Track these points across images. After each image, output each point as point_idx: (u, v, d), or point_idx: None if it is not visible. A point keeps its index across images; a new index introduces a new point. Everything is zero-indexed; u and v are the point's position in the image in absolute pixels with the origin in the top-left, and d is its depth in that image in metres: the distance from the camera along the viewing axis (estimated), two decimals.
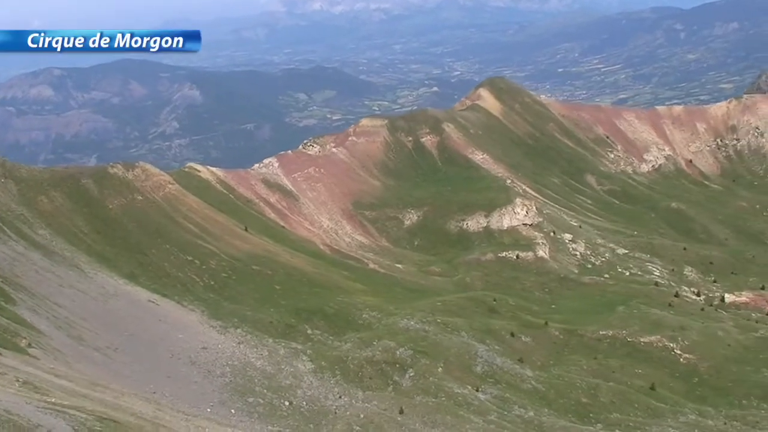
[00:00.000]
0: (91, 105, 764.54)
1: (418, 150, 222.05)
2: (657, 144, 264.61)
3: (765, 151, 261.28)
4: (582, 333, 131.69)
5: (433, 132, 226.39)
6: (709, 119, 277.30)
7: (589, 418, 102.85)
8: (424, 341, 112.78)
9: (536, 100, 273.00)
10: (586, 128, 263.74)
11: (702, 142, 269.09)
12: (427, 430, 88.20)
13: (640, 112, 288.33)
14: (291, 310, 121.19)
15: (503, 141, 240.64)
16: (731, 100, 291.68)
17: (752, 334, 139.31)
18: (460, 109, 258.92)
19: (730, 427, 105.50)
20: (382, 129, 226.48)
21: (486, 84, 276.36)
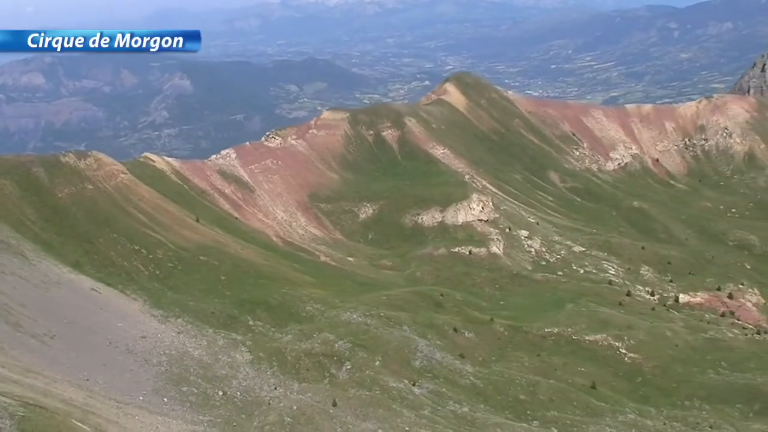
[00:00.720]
0: (82, 93, 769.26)
1: (378, 144, 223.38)
2: (624, 142, 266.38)
3: (733, 151, 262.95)
4: (527, 330, 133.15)
5: (395, 126, 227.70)
6: (678, 119, 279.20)
7: (526, 416, 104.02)
8: (364, 335, 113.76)
9: (503, 95, 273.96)
10: (553, 125, 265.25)
11: (670, 141, 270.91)
12: (358, 423, 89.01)
13: (609, 110, 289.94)
14: (235, 301, 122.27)
15: (466, 136, 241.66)
16: (701, 99, 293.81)
17: (701, 335, 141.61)
18: (425, 103, 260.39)
19: (670, 428, 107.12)
20: (343, 122, 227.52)
21: (453, 79, 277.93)
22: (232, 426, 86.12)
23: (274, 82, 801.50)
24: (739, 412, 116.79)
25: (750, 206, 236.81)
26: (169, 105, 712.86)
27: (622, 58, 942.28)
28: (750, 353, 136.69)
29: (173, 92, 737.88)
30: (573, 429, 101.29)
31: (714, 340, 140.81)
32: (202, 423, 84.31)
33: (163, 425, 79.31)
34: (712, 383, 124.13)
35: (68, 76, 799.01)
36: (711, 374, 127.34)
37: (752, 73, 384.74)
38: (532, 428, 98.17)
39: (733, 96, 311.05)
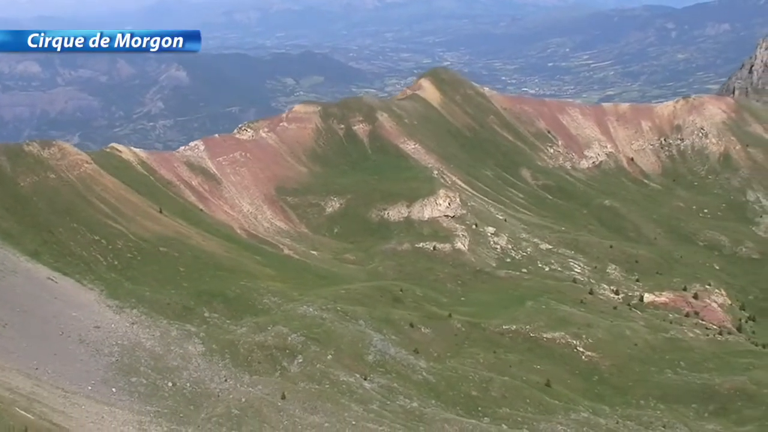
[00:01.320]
0: (78, 83, 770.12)
1: (349, 138, 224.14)
2: (599, 140, 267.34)
3: (708, 152, 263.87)
4: (485, 326, 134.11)
5: (366, 120, 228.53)
6: (655, 118, 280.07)
7: (477, 412, 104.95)
8: (318, 328, 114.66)
9: (479, 92, 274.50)
10: (528, 122, 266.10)
11: (646, 140, 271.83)
12: (306, 416, 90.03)
13: (585, 108, 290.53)
14: (192, 292, 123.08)
15: (439, 131, 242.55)
16: (678, 99, 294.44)
17: (662, 335, 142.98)
18: (399, 98, 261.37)
19: (622, 426, 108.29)
20: (314, 115, 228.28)
21: (428, 74, 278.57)
22: (178, 417, 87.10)
23: (271, 74, 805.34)
24: (694, 412, 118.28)
25: (722, 207, 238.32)
26: (164, 96, 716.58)
27: (619, 57, 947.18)
28: (710, 353, 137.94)
29: (169, 83, 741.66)
30: (524, 426, 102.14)
31: (674, 339, 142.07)
32: (148, 413, 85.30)
33: (109, 415, 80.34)
34: (668, 383, 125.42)
35: (64, 65, 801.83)
36: (668, 374, 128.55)
37: (740, 74, 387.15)
38: (481, 424, 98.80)
39: (711, 96, 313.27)
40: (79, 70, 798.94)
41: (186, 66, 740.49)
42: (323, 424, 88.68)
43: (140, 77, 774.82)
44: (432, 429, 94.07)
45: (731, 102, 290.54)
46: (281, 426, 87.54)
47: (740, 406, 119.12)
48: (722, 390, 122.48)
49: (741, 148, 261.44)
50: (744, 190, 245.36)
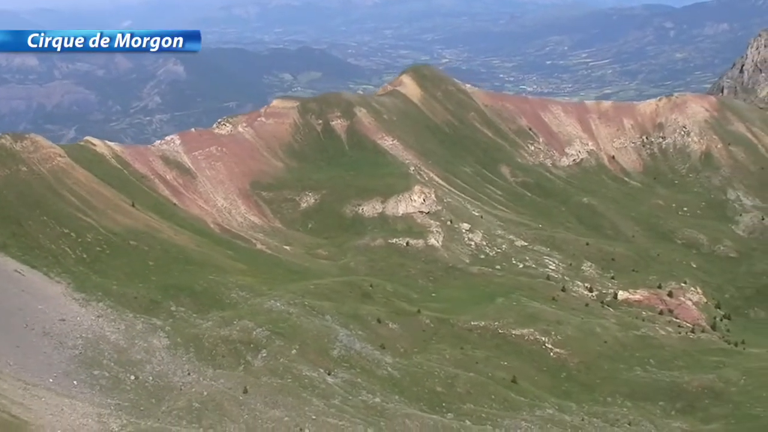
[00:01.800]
0: (75, 76, 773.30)
1: (326, 133, 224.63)
2: (581, 138, 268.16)
3: (690, 150, 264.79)
4: (454, 323, 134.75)
5: (344, 116, 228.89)
6: (637, 116, 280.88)
7: (441, 408, 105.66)
8: (284, 323, 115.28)
9: (460, 88, 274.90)
10: (509, 119, 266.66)
11: (627, 138, 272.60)
12: (267, 410, 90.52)
13: (568, 106, 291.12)
14: (159, 286, 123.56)
15: (418, 128, 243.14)
16: (661, 98, 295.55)
17: (633, 332, 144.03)
18: (380, 94, 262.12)
19: (588, 424, 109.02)
20: (292, 111, 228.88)
21: (410, 71, 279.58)
22: (139, 410, 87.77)
23: (268, 70, 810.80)
24: (662, 410, 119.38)
25: (702, 205, 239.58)
26: (162, 90, 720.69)
27: (618, 56, 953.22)
28: (680, 351, 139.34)
29: (167, 78, 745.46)
30: (488, 422, 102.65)
31: (645, 337, 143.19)
32: (109, 406, 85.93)
33: (69, 407, 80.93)
34: (636, 380, 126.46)
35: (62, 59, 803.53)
36: (637, 371, 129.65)
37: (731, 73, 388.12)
38: (443, 420, 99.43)
39: (694, 95, 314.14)
40: (77, 64, 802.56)
41: (183, 61, 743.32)
42: (283, 419, 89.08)
43: (137, 71, 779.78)
44: (393, 424, 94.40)
45: (714, 101, 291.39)
46: (241, 420, 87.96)
47: (707, 404, 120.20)
48: (690, 388, 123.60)
49: (723, 146, 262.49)
50: (724, 189, 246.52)
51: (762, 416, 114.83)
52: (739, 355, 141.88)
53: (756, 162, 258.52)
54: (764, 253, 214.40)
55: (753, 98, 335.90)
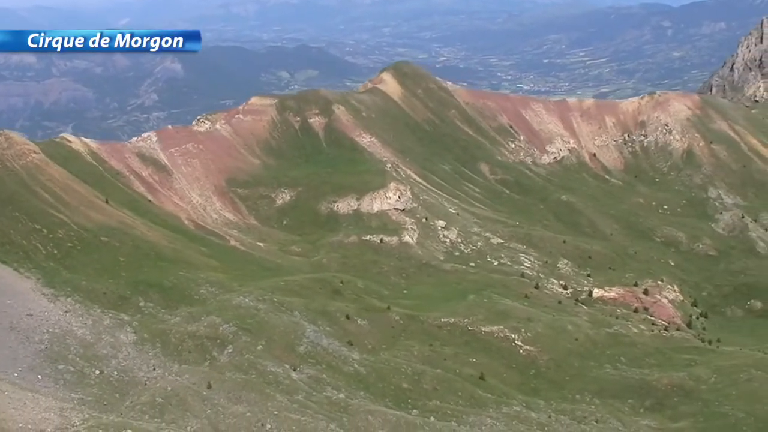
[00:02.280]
0: (73, 73, 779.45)
1: (304, 130, 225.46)
2: (562, 136, 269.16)
3: (672, 148, 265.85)
4: (423, 319, 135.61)
5: (323, 113, 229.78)
6: (619, 114, 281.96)
7: (407, 404, 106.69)
8: (251, 319, 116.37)
9: (441, 86, 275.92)
10: (490, 117, 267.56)
11: (609, 136, 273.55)
12: (230, 405, 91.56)
13: (549, 104, 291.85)
14: (129, 282, 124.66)
15: (397, 125, 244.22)
16: (644, 96, 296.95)
17: (605, 330, 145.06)
18: (359, 92, 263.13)
19: (555, 421, 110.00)
20: (270, 108, 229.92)
21: (390, 68, 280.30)
22: (102, 404, 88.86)
23: (265, 68, 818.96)
24: (630, 407, 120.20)
25: (683, 203, 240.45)
26: (159, 88, 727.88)
27: (615, 55, 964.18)
28: (653, 349, 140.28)
29: (164, 75, 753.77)
30: (453, 419, 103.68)
31: (617, 335, 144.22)
32: (72, 401, 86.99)
33: (32, 401, 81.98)
34: (606, 378, 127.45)
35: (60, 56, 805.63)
36: (607, 369, 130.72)
37: (721, 72, 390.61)
38: (407, 416, 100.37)
39: (677, 93, 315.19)
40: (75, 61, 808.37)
41: (181, 59, 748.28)
42: (245, 414, 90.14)
43: (135, 69, 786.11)
44: (355, 420, 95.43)
45: (696, 99, 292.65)
46: (204, 415, 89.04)
47: (676, 402, 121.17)
48: (660, 386, 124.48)
49: (705, 144, 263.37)
50: (705, 187, 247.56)
51: (730, 414, 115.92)
52: (712, 353, 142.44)
53: (738, 160, 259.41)
54: (743, 251, 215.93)
55: (740, 96, 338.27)
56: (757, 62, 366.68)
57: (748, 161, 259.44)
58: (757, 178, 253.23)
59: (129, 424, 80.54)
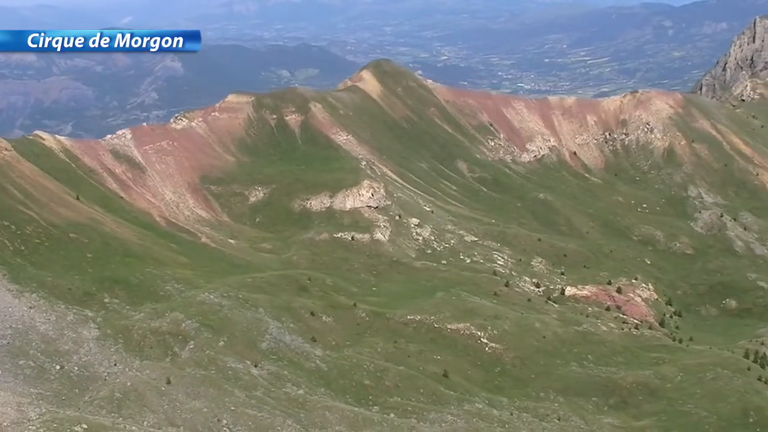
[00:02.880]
0: (73, 72, 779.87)
1: (280, 128, 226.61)
2: (543, 134, 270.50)
3: (653, 147, 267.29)
4: (389, 316, 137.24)
5: (299, 111, 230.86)
6: (601, 112, 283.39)
7: (368, 401, 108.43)
8: (214, 315, 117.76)
9: (421, 84, 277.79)
10: (471, 115, 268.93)
11: (590, 134, 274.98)
12: (188, 401, 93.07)
13: (530, 102, 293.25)
14: (95, 278, 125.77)
15: (375, 123, 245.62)
16: (626, 94, 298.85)
17: (574, 328, 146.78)
18: (339, 90, 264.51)
19: (516, 418, 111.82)
20: (247, 105, 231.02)
21: (370, 66, 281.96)
22: (60, 399, 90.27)
23: (266, 66, 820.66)
24: (594, 405, 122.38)
25: (662, 202, 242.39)
26: (159, 87, 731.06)
27: (616, 55, 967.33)
28: (621, 347, 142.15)
29: (164, 74, 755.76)
30: (413, 415, 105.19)
31: (586, 333, 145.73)
32: (30, 395, 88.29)
33: None
34: (571, 376, 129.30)
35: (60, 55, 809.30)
36: (573, 367, 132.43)
37: (714, 71, 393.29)
38: (365, 413, 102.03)
39: (659, 91, 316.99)
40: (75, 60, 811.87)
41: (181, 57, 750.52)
42: (202, 410, 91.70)
43: (135, 67, 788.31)
44: (312, 416, 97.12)
45: (679, 97, 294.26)
46: (161, 410, 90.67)
47: (641, 401, 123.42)
48: (625, 384, 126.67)
49: (686, 143, 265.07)
50: (686, 186, 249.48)
51: (693, 413, 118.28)
52: (681, 351, 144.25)
53: (719, 159, 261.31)
54: (720, 250, 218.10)
55: (728, 95, 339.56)
56: (748, 61, 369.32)
57: (729, 160, 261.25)
58: (738, 177, 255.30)
59: (85, 419, 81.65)
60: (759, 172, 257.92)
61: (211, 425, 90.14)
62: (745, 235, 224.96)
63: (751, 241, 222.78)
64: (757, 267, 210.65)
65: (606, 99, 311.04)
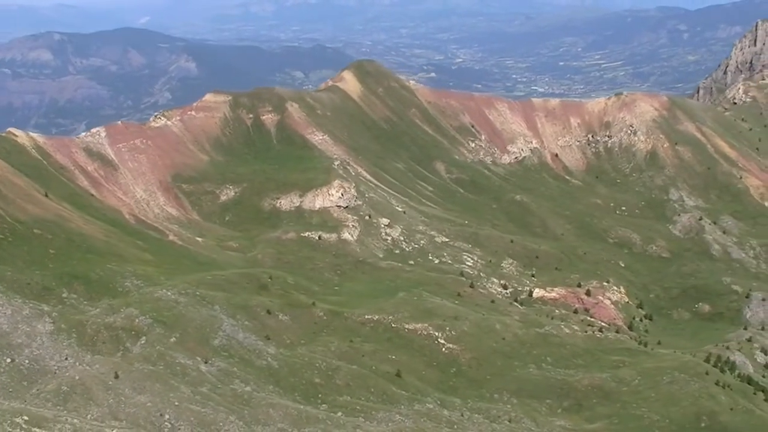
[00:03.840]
0: (88, 71, 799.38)
1: (256, 128, 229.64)
2: (525, 136, 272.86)
3: (635, 149, 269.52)
4: (348, 316, 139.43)
5: (276, 111, 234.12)
6: (585, 114, 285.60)
7: (317, 399, 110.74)
8: (169, 311, 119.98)
9: (404, 85, 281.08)
10: (452, 116, 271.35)
11: (573, 136, 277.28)
12: (134, 395, 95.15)
13: (514, 104, 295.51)
14: (56, 273, 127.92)
15: (353, 123, 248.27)
16: (610, 96, 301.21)
17: (535, 330, 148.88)
18: (319, 90, 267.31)
19: (466, 419, 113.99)
20: (223, 105, 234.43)
21: (352, 66, 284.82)
22: (7, 392, 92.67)
23: (280, 67, 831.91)
24: (548, 407, 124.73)
25: (642, 205, 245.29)
26: (173, 87, 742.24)
27: (631, 58, 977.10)
28: (582, 350, 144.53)
29: (178, 74, 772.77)
30: (361, 415, 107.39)
31: (547, 335, 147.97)
32: None
33: None
34: (527, 377, 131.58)
35: (76, 54, 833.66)
36: (531, 368, 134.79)
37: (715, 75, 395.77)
38: (310, 410, 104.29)
39: (644, 94, 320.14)
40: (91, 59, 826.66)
41: (196, 57, 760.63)
42: (146, 404, 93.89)
43: (150, 67, 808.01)
44: (256, 413, 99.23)
45: (665, 100, 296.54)
46: (106, 404, 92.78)
47: (595, 404, 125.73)
48: (580, 386, 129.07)
49: (669, 146, 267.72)
50: (667, 189, 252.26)
51: (645, 417, 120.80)
52: (644, 355, 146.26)
53: (703, 162, 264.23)
54: (697, 253, 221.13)
55: (721, 99, 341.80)
56: (747, 65, 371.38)
57: (713, 163, 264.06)
58: (721, 180, 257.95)
59: (27, 411, 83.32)
60: (743, 175, 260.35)
61: (153, 420, 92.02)
62: (723, 239, 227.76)
63: (729, 244, 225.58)
64: (733, 271, 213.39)
65: (590, 101, 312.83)
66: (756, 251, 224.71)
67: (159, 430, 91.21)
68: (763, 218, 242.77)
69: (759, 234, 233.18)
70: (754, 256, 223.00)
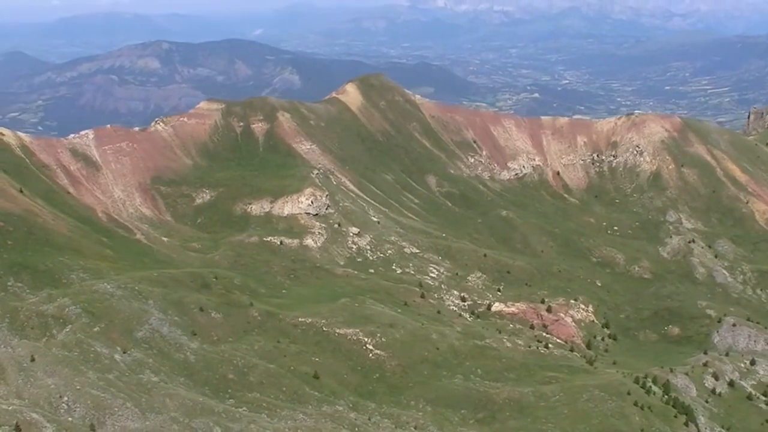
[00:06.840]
0: (194, 81, 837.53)
1: (245, 135, 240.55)
2: (528, 153, 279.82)
3: (640, 170, 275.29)
4: (282, 317, 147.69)
5: (266, 119, 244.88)
6: (592, 134, 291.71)
7: (226, 393, 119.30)
8: (100, 303, 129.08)
9: (408, 99, 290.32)
10: (455, 131, 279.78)
11: (577, 155, 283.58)
12: (44, 378, 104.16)
13: (521, 120, 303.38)
14: (7, 263, 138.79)
15: (347, 134, 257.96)
16: (621, 116, 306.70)
17: (474, 342, 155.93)
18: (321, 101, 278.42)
19: (371, 423, 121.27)
20: (216, 112, 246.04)
21: (356, 80, 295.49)
22: None
23: None
24: (460, 417, 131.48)
25: (635, 225, 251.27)
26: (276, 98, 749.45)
27: (737, 84, 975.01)
28: (519, 364, 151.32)
29: (282, 86, 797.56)
30: (264, 411, 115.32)
31: (485, 347, 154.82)
32: None
33: None
34: (448, 387, 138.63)
35: (183, 63, 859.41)
36: (457, 379, 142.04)
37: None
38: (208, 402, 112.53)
39: (656, 114, 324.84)
40: (198, 69, 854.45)
41: (299, 70, 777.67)
42: (50, 386, 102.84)
43: (255, 78, 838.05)
44: (152, 401, 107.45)
45: (677, 121, 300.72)
46: (15, 384, 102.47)
47: (507, 416, 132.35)
48: (498, 399, 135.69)
49: (675, 167, 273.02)
50: (665, 210, 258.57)
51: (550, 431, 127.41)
52: (583, 373, 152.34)
53: (708, 185, 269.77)
54: (680, 276, 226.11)
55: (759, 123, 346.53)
56: None
57: (719, 186, 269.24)
58: (725, 204, 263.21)
59: None
60: (750, 200, 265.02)
61: (52, 401, 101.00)
62: (711, 263, 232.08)
63: (716, 268, 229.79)
64: (714, 295, 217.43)
65: (600, 120, 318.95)
66: (746, 276, 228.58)
67: (55, 410, 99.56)
68: (765, 244, 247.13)
69: (756, 260, 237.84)
70: (742, 282, 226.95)
